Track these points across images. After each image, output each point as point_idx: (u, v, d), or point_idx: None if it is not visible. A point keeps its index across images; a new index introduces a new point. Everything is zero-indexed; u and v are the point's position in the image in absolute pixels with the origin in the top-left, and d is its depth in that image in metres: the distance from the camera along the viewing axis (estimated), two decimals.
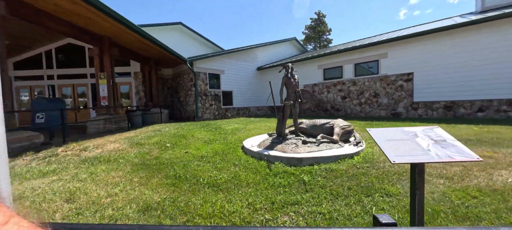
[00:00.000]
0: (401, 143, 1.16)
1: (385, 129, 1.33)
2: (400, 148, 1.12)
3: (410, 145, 1.14)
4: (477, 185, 2.45)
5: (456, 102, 7.62)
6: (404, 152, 1.09)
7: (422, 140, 1.18)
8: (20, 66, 11.14)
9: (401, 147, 1.13)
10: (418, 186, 1.09)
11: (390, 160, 1.07)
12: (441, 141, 1.16)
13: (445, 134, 1.23)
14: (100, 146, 5.10)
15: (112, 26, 6.77)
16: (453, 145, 1.13)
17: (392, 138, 1.21)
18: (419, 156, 1.05)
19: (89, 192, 2.68)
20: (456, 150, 1.10)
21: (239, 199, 2.49)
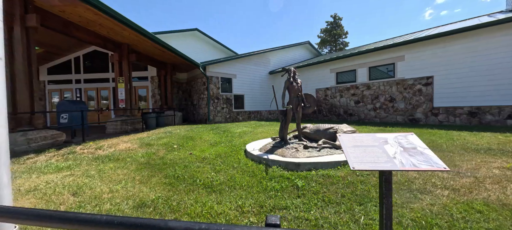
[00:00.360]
0: (368, 150, 1.12)
1: (357, 135, 1.29)
2: (365, 154, 1.09)
3: (376, 152, 1.10)
4: (485, 198, 2.24)
5: (482, 108, 6.97)
6: (367, 159, 1.05)
7: (390, 147, 1.13)
8: (52, 71, 12.37)
9: (366, 153, 1.09)
10: (385, 195, 1.05)
11: (350, 166, 1.04)
12: (411, 148, 1.10)
13: (417, 141, 1.17)
14: (114, 145, 5.46)
15: (130, 35, 7.29)
16: (422, 153, 1.07)
17: (360, 144, 1.17)
18: (381, 163, 1.01)
19: (94, 187, 2.89)
20: (424, 158, 1.03)
21: (229, 201, 2.53)
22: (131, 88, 8.59)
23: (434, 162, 1.00)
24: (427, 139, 4.91)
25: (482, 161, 3.30)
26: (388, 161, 1.02)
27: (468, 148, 4.04)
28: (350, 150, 1.13)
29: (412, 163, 1.00)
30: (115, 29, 6.79)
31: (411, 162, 1.00)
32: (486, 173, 2.86)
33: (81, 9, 5.48)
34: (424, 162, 1.00)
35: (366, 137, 1.26)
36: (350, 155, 1.09)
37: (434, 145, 4.37)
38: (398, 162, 1.01)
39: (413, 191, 2.51)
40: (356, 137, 1.26)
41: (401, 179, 2.83)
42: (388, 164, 1.00)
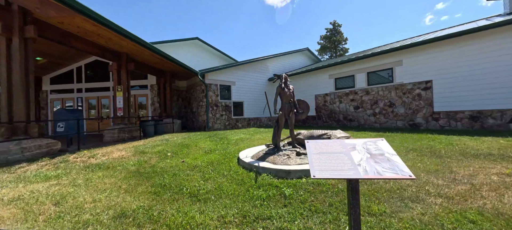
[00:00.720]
0: (333, 156, 1.05)
1: (325, 141, 1.23)
2: (329, 161, 1.02)
3: (342, 158, 1.03)
4: (480, 207, 2.11)
5: (484, 112, 6.80)
6: (330, 167, 0.98)
7: (357, 153, 1.06)
8: (55, 81, 12.61)
9: (330, 160, 1.03)
10: (352, 205, 0.97)
11: (311, 174, 0.97)
12: (378, 155, 1.03)
13: (386, 148, 1.09)
14: (107, 153, 5.44)
15: (129, 44, 7.41)
16: (389, 159, 1.00)
17: (326, 151, 1.11)
18: (343, 171, 0.94)
19: (78, 196, 2.84)
20: (390, 165, 0.96)
21: (213, 210, 2.44)
22: (129, 96, 8.66)
23: (400, 170, 0.93)
24: (426, 145, 4.77)
25: (481, 167, 3.16)
26: (351, 169, 0.95)
27: (467, 153, 3.90)
28: (314, 157, 1.06)
29: (377, 170, 0.93)
30: (113, 39, 6.91)
31: (376, 170, 0.93)
32: (484, 179, 2.73)
33: (79, 20, 5.61)
34: (390, 169, 0.93)
35: (335, 143, 1.19)
36: (314, 162, 1.02)
37: (432, 150, 4.24)
38: (362, 170, 0.94)
39: (404, 199, 2.39)
40: (323, 143, 1.19)
41: (393, 187, 2.71)
42: (351, 171, 0.93)
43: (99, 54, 7.60)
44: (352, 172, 0.93)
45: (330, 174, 0.93)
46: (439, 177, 2.94)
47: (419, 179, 2.90)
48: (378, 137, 6.37)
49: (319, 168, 0.99)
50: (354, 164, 0.98)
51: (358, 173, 0.92)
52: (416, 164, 3.49)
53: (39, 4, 4.84)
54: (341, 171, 0.94)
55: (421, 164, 3.49)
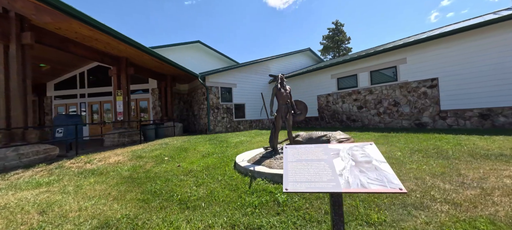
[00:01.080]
0: (312, 165, 0.90)
1: (306, 147, 1.08)
2: (307, 171, 0.87)
3: (322, 167, 0.88)
4: (492, 215, 1.91)
5: (494, 109, 6.47)
6: (307, 177, 0.84)
7: (341, 161, 0.91)
8: (59, 87, 12.79)
9: (308, 169, 0.88)
10: (335, 222, 0.82)
11: (283, 187, 0.83)
12: (364, 163, 0.88)
13: (375, 154, 0.94)
14: (104, 158, 5.39)
15: (127, 49, 7.41)
16: (377, 168, 0.84)
17: (305, 158, 0.96)
18: (321, 183, 0.79)
19: (65, 204, 2.75)
20: (377, 175, 0.80)
21: (201, 219, 2.30)
22: (129, 100, 8.65)
23: (388, 181, 0.77)
24: (432, 145, 4.52)
25: (492, 169, 2.92)
26: (331, 180, 0.80)
27: (477, 153, 3.65)
28: (290, 166, 0.91)
29: (361, 182, 0.77)
30: (111, 43, 6.92)
31: (360, 181, 0.78)
32: (495, 183, 2.50)
33: (76, 25, 5.61)
34: (376, 180, 0.78)
35: (317, 148, 1.04)
36: (289, 172, 0.88)
37: (439, 151, 4.00)
38: (344, 181, 0.79)
39: (407, 206, 2.20)
40: (303, 149, 1.04)
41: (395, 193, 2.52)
42: (330, 184, 0.78)
43: (99, 59, 7.62)
44: (332, 184, 0.78)
45: (305, 186, 0.79)
46: (445, 180, 2.72)
47: (424, 183, 2.69)
48: (381, 137, 6.13)
49: (293, 179, 0.84)
50: (335, 174, 0.83)
51: (338, 186, 0.77)
52: (421, 167, 3.28)
53: (35, 10, 4.86)
54: (319, 183, 0.79)
55: (426, 166, 3.27)
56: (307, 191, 0.78)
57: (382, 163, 0.88)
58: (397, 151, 4.29)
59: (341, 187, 0.77)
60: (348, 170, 0.85)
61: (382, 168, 0.84)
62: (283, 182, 0.86)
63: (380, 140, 5.65)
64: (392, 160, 3.72)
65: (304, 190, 0.78)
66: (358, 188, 0.75)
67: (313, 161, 0.93)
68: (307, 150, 1.04)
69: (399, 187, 0.76)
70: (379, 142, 5.46)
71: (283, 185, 0.85)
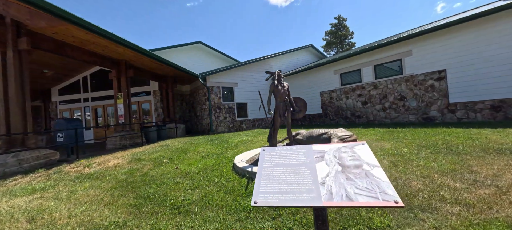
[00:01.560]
0: (290, 171, 0.75)
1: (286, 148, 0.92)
2: (283, 179, 0.72)
3: (302, 174, 0.73)
4: (509, 217, 1.71)
5: (507, 101, 6.11)
6: (282, 187, 0.69)
7: (325, 165, 0.75)
8: (63, 92, 12.97)
9: (285, 177, 0.73)
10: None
11: (252, 201, 0.68)
12: (353, 168, 0.72)
13: (366, 156, 0.78)
14: (103, 162, 5.35)
15: (125, 51, 7.38)
16: (368, 174, 0.68)
17: (283, 163, 0.81)
18: (298, 195, 0.64)
19: (55, 211, 2.68)
20: (367, 184, 0.65)
21: (191, 225, 2.18)
22: (130, 103, 8.64)
23: (381, 191, 0.62)
24: (441, 140, 4.28)
25: (507, 164, 2.69)
26: (310, 191, 0.65)
27: (490, 148, 3.40)
28: (264, 172, 0.77)
29: (347, 192, 0.62)
30: (110, 47, 6.89)
31: (345, 191, 0.62)
32: (511, 180, 2.28)
33: (72, 29, 5.59)
34: (366, 190, 0.62)
35: (299, 150, 0.89)
36: (261, 181, 0.73)
37: (448, 146, 3.76)
38: (326, 192, 0.64)
39: (413, 209, 2.01)
40: (283, 152, 0.89)
41: (401, 192, 2.33)
42: (308, 195, 0.63)
43: (98, 63, 7.62)
44: (310, 196, 0.63)
45: (278, 199, 0.64)
46: (456, 178, 2.51)
47: (432, 182, 2.49)
48: (387, 133, 5.89)
49: (265, 190, 0.69)
50: (316, 182, 0.68)
51: (317, 198, 0.62)
52: (429, 163, 3.06)
53: (29, 15, 4.84)
54: (295, 195, 0.64)
55: (435, 163, 3.06)
56: (280, 205, 0.64)
57: (375, 167, 0.72)
58: (403, 147, 4.07)
59: (321, 199, 0.61)
60: (332, 177, 0.69)
61: (374, 174, 0.68)
62: (253, 192, 0.72)
63: (386, 136, 5.42)
64: (398, 157, 3.52)
65: (276, 203, 0.64)
66: (342, 201, 0.60)
67: (293, 166, 0.78)
68: (287, 152, 0.89)
69: (394, 199, 0.60)
70: (384, 138, 5.23)
71: (252, 196, 0.71)
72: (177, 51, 15.62)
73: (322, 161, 0.78)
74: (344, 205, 0.60)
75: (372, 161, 0.75)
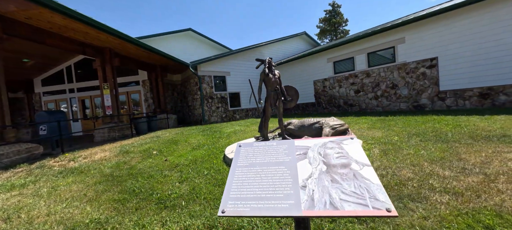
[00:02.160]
0: (267, 172, 0.65)
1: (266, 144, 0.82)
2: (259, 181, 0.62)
3: (280, 175, 0.63)
4: (497, 205, 1.70)
5: (495, 88, 6.21)
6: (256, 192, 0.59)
7: (308, 164, 0.65)
8: (46, 82, 12.34)
9: (260, 179, 0.63)
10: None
11: (220, 207, 0.58)
12: (340, 167, 0.62)
13: (356, 153, 0.68)
14: (90, 155, 5.16)
15: (108, 38, 6.96)
16: (356, 176, 0.59)
17: (260, 161, 0.71)
18: (273, 201, 0.54)
19: (34, 209, 2.54)
20: (356, 188, 0.55)
21: (177, 220, 2.10)
22: (117, 93, 8.30)
23: (371, 196, 0.52)
24: (431, 128, 4.31)
25: (494, 152, 2.71)
26: (288, 196, 0.55)
27: (478, 135, 3.43)
28: (237, 173, 0.66)
29: (331, 199, 0.53)
30: (91, 33, 6.47)
31: (330, 197, 0.53)
32: (499, 167, 2.29)
33: (47, 14, 5.16)
34: (354, 195, 0.53)
35: (279, 146, 0.78)
36: (232, 184, 0.63)
37: (438, 134, 3.79)
38: (307, 198, 0.54)
39: (403, 198, 1.99)
40: (261, 148, 0.79)
41: (390, 182, 2.31)
42: (286, 202, 0.53)
43: (80, 51, 7.19)
44: (288, 203, 0.53)
45: (249, 208, 0.54)
46: (445, 166, 2.51)
47: (422, 171, 2.48)
48: (378, 121, 5.91)
49: (236, 195, 0.59)
50: (296, 185, 0.58)
51: (297, 205, 0.52)
52: (419, 152, 3.06)
53: None
54: (271, 201, 0.54)
55: (424, 151, 3.06)
56: (252, 214, 0.54)
57: (364, 166, 0.62)
58: (394, 136, 4.08)
59: (301, 207, 0.52)
60: (315, 179, 0.59)
61: (363, 174, 0.59)
62: (222, 198, 0.62)
63: (377, 124, 5.43)
64: (389, 145, 3.51)
65: (248, 213, 0.54)
66: (325, 210, 0.51)
67: (270, 166, 0.68)
68: (266, 149, 0.79)
69: (386, 206, 0.51)
70: (376, 126, 5.24)
71: (220, 204, 0.60)
72: (166, 39, 15.01)
73: (305, 159, 0.68)
74: (327, 215, 0.51)
75: (362, 159, 0.66)
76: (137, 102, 12.40)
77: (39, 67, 11.38)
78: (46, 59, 10.73)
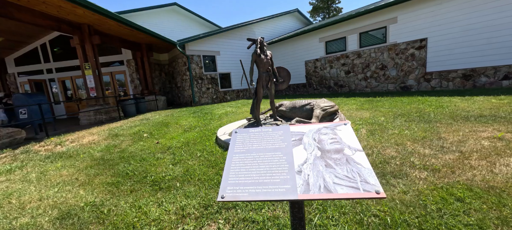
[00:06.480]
0: (264, 157, 0.68)
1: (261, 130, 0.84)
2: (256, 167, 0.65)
3: (276, 161, 0.66)
4: (469, 180, 1.88)
5: (477, 70, 6.48)
6: (253, 178, 0.61)
7: (303, 149, 0.68)
8: (21, 62, 11.41)
9: (258, 165, 0.65)
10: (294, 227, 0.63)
11: (219, 193, 0.61)
12: (333, 152, 0.66)
13: (349, 139, 0.72)
14: (77, 139, 5.02)
15: (86, 13, 6.40)
16: (349, 161, 0.63)
17: (256, 148, 0.73)
18: (271, 186, 0.57)
19: (24, 194, 2.51)
20: (348, 172, 0.60)
21: (173, 201, 2.16)
22: (100, 74, 7.88)
23: (362, 180, 0.57)
24: (415, 108, 4.51)
25: (471, 131, 2.92)
26: (285, 181, 0.58)
27: (458, 115, 3.65)
28: (235, 159, 0.68)
29: (325, 183, 0.56)
30: (65, 7, 5.90)
31: (324, 181, 0.57)
32: (474, 145, 2.49)
33: None
34: (346, 179, 0.57)
35: (275, 132, 0.80)
36: (230, 170, 0.65)
37: (421, 114, 3.98)
38: (302, 182, 0.57)
39: (386, 175, 2.14)
40: (257, 134, 0.81)
41: (376, 160, 2.46)
42: (283, 186, 0.57)
43: (55, 27, 6.60)
44: (285, 187, 0.57)
45: (247, 193, 0.57)
46: (426, 145, 2.69)
47: (404, 150, 2.65)
48: (367, 102, 6.08)
49: (235, 181, 0.62)
50: (292, 170, 0.61)
51: (293, 189, 0.56)
52: (403, 132, 3.23)
53: None
54: (268, 186, 0.57)
55: (408, 131, 3.23)
56: (250, 199, 0.57)
57: (357, 151, 0.66)
58: (381, 116, 4.25)
59: (297, 191, 0.56)
60: (310, 164, 0.63)
61: (355, 159, 0.63)
62: (221, 184, 0.64)
63: (365, 105, 5.60)
64: (375, 126, 3.67)
65: (246, 197, 0.57)
66: (319, 194, 0.55)
67: (267, 152, 0.70)
68: (261, 135, 0.80)
69: (376, 189, 0.56)
70: (364, 107, 5.41)
71: (219, 190, 0.63)
72: (149, 14, 14.05)
73: (300, 145, 0.71)
74: (321, 198, 0.55)
75: (354, 145, 0.69)
76: (123, 83, 11.88)
77: (10, 46, 10.43)
78: (17, 36, 9.80)
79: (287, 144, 0.72)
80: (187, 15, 16.33)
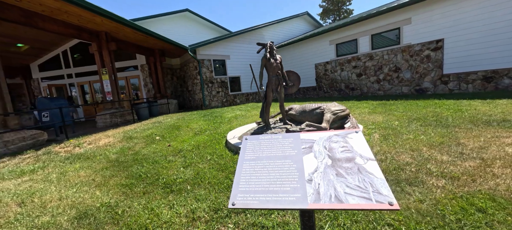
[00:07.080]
0: (274, 165, 0.68)
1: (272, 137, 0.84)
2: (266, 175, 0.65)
3: (287, 169, 0.66)
4: (491, 189, 1.77)
5: (499, 71, 6.12)
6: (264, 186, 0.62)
7: (313, 157, 0.68)
8: (44, 67, 12.16)
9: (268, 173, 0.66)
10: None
11: (230, 200, 0.62)
12: (344, 161, 0.65)
13: (361, 147, 0.70)
14: (94, 141, 5.25)
15: (103, 21, 6.74)
16: (361, 170, 0.62)
17: (267, 155, 0.73)
18: (281, 195, 0.58)
19: (46, 194, 2.65)
20: (360, 181, 0.58)
21: (184, 204, 2.20)
22: (116, 79, 8.23)
23: (375, 190, 0.55)
24: (431, 112, 4.32)
25: (493, 136, 2.75)
26: (295, 190, 0.58)
27: (478, 120, 3.46)
28: (245, 166, 0.69)
29: (336, 192, 0.56)
30: (85, 16, 6.25)
31: (335, 190, 0.56)
32: (497, 152, 2.34)
33: None
34: (358, 189, 0.56)
35: (285, 140, 0.80)
36: (241, 177, 0.66)
37: (438, 119, 3.81)
38: (313, 191, 0.57)
39: (400, 182, 2.07)
40: (267, 141, 0.81)
41: (389, 166, 2.38)
42: (293, 195, 0.57)
43: (76, 35, 7.00)
44: (295, 196, 0.57)
45: (258, 201, 0.58)
46: (443, 151, 2.57)
47: (420, 155, 2.54)
48: (379, 105, 5.91)
49: (245, 189, 0.62)
50: (302, 179, 0.61)
51: (303, 198, 0.55)
52: (418, 137, 3.11)
53: None
54: (279, 195, 0.58)
55: (424, 136, 3.10)
56: (260, 207, 0.58)
57: (369, 160, 0.65)
58: (394, 120, 4.11)
59: (307, 200, 0.55)
60: (320, 173, 0.62)
61: (367, 169, 0.62)
62: (232, 191, 0.65)
63: (378, 109, 5.44)
64: (389, 130, 3.55)
65: (257, 205, 0.58)
66: (330, 203, 0.54)
67: (277, 159, 0.71)
68: (271, 142, 0.81)
69: (389, 200, 0.54)
70: (376, 110, 5.26)
71: (230, 197, 0.64)
72: (162, 20, 14.53)
73: (310, 153, 0.70)
74: (332, 208, 0.55)
75: (366, 153, 0.68)
76: (137, 87, 12.32)
77: (34, 53, 11.16)
78: (41, 44, 10.48)
79: (297, 152, 0.71)
80: (198, 21, 16.74)
